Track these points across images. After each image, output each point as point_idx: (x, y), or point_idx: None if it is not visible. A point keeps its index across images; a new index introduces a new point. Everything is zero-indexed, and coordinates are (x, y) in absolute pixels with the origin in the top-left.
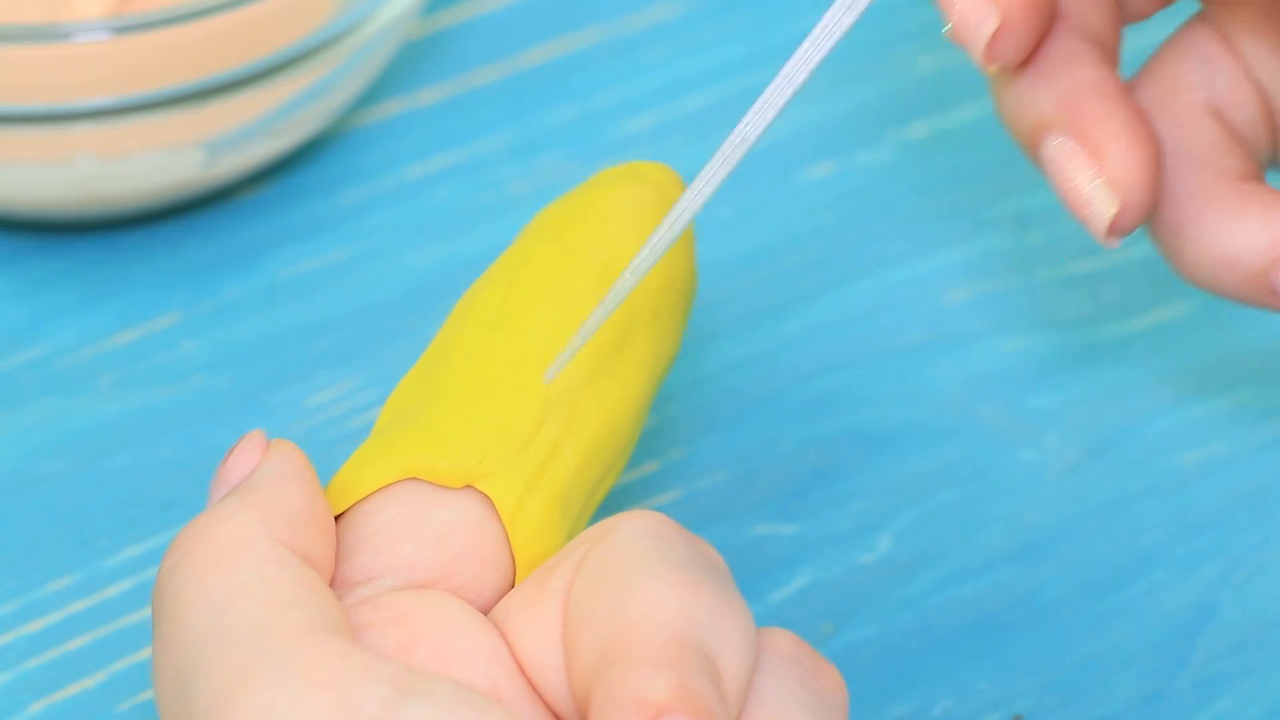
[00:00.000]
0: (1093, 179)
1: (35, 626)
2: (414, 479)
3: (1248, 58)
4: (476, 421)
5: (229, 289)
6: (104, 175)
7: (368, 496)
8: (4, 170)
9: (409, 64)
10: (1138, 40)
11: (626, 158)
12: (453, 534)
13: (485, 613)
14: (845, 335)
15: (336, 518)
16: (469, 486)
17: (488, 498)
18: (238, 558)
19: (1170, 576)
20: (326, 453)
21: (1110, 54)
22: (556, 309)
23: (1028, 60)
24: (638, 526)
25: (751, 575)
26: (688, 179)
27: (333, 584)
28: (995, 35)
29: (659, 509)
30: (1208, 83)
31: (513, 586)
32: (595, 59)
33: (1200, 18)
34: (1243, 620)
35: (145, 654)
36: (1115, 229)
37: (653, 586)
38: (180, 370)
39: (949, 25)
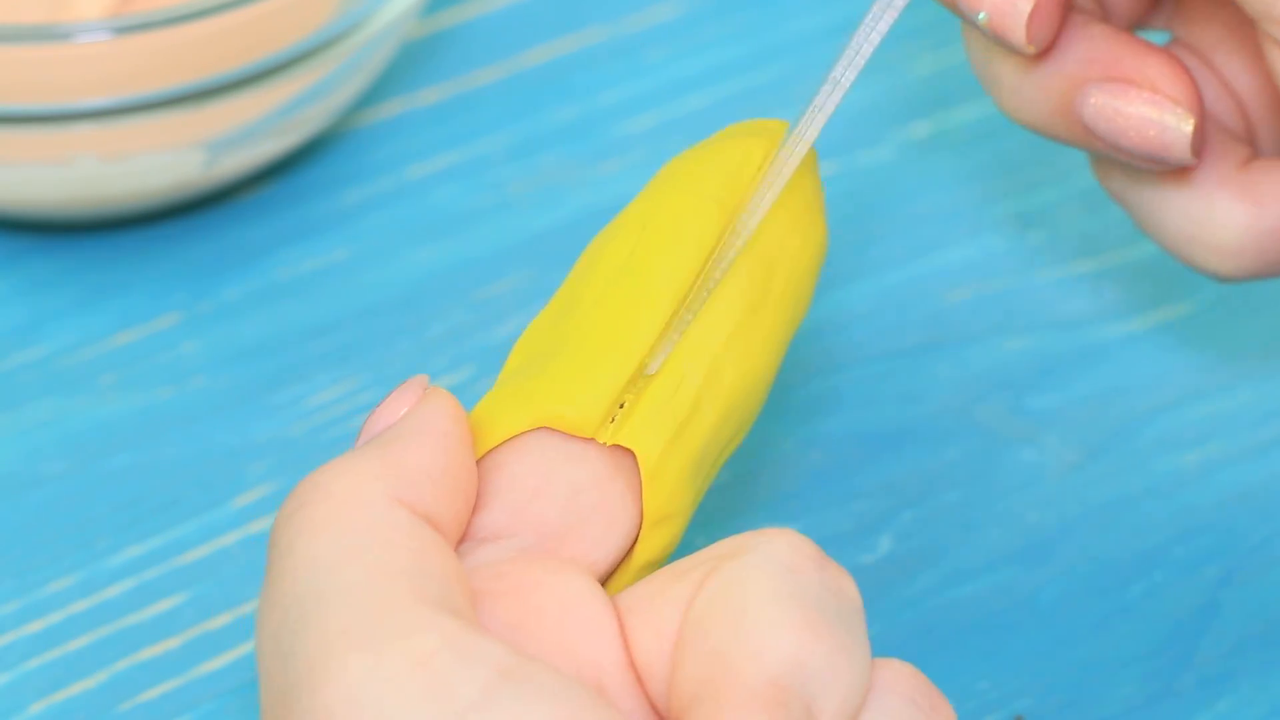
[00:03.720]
0: (1158, 105)
1: (36, 626)
2: (545, 429)
3: (1224, 72)
4: (613, 371)
5: (229, 289)
6: (104, 175)
7: (499, 445)
8: (4, 170)
9: (409, 64)
10: None
11: (627, 158)
12: (582, 491)
13: (605, 574)
14: (845, 335)
15: None
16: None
17: (615, 454)
18: (353, 517)
19: (1170, 576)
20: (327, 453)
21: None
22: (690, 257)
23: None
24: (772, 552)
25: None
26: None
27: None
28: (1032, 16)
29: None
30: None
31: (634, 546)
32: (596, 59)
33: (1176, 40)
34: (1243, 620)
35: (146, 654)
36: (1196, 145)
37: (768, 624)
38: (181, 370)
39: (983, 15)
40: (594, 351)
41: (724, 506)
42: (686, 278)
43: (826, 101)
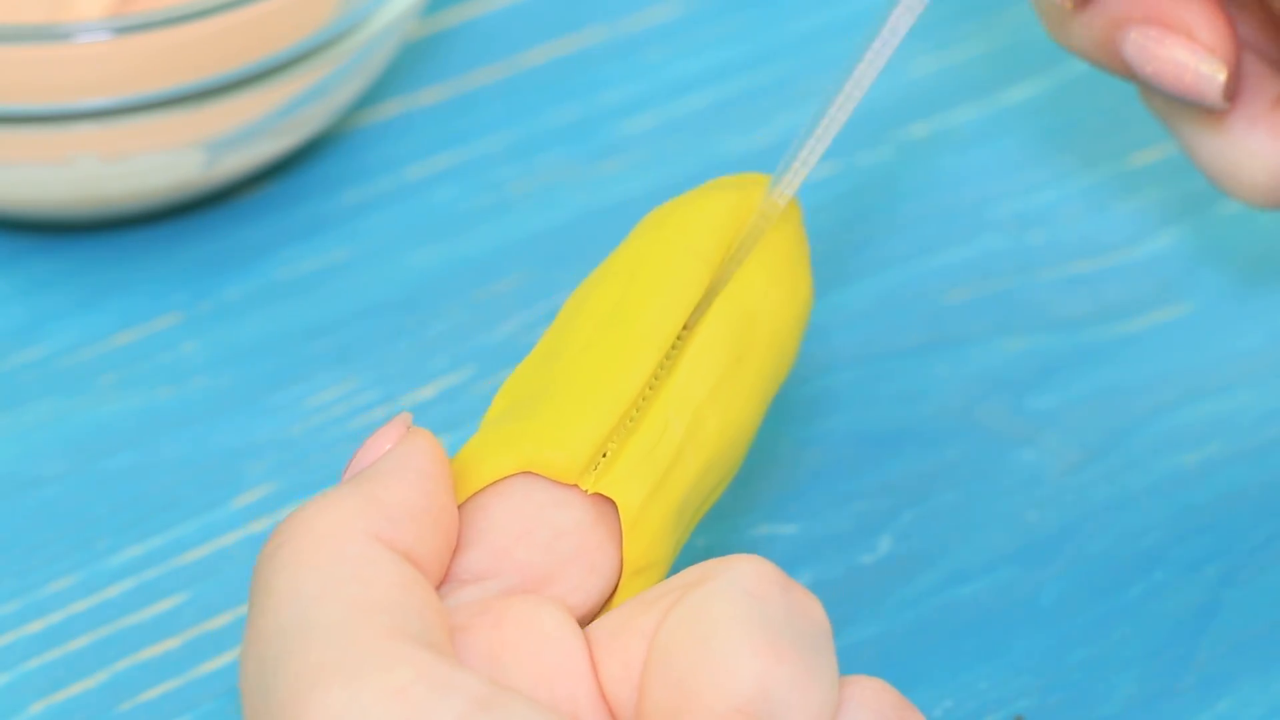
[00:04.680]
0: (1192, 52)
1: (36, 626)
2: (529, 473)
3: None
4: (598, 418)
5: (229, 289)
6: (104, 175)
7: (483, 488)
8: (4, 170)
9: (409, 64)
10: None
11: (627, 158)
12: (564, 536)
13: (584, 619)
14: (845, 335)
15: None
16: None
17: (598, 500)
18: (334, 553)
19: (1170, 576)
20: (327, 453)
21: None
22: (676, 309)
23: None
24: (735, 578)
25: None
26: (691, 181)
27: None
28: None
29: None
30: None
31: (614, 592)
32: (596, 59)
33: None
34: (1243, 620)
35: (146, 654)
36: (1229, 92)
37: (731, 650)
38: (181, 370)
39: None
40: (579, 398)
41: (724, 506)
42: (672, 329)
43: (809, 157)
